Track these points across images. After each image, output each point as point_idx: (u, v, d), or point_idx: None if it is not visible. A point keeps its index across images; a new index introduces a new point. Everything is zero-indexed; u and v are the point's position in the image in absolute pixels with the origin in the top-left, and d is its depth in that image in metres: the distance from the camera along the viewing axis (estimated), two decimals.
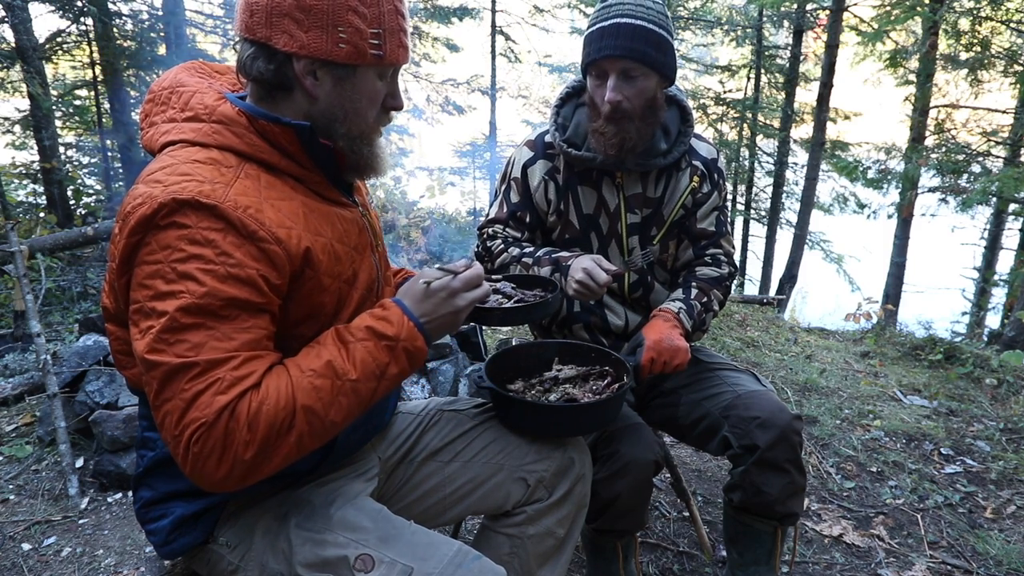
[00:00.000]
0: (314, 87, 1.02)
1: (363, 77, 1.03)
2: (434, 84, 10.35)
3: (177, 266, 0.88)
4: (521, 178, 1.73)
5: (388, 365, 1.01)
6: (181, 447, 0.87)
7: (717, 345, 4.35)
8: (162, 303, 0.88)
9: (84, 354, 2.72)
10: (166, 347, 0.87)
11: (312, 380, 0.94)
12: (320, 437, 0.96)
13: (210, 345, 0.88)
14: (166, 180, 0.92)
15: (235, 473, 0.89)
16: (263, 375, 0.92)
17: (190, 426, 0.86)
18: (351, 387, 0.97)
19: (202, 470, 0.88)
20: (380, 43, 1.01)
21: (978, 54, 7.73)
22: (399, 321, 1.03)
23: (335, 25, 0.97)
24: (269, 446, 0.90)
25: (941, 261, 10.16)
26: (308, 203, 1.04)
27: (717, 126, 11.75)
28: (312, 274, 1.01)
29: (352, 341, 1.00)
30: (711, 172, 1.71)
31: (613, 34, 1.46)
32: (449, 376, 3.07)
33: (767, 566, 1.66)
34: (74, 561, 2.11)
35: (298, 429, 0.92)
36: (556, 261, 1.62)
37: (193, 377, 0.87)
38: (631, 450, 1.49)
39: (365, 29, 0.99)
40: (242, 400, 0.88)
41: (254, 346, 0.92)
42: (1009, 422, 3.12)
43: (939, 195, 8.13)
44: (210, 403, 0.86)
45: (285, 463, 0.94)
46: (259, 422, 0.88)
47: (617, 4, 1.48)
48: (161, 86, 1.09)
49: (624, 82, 1.50)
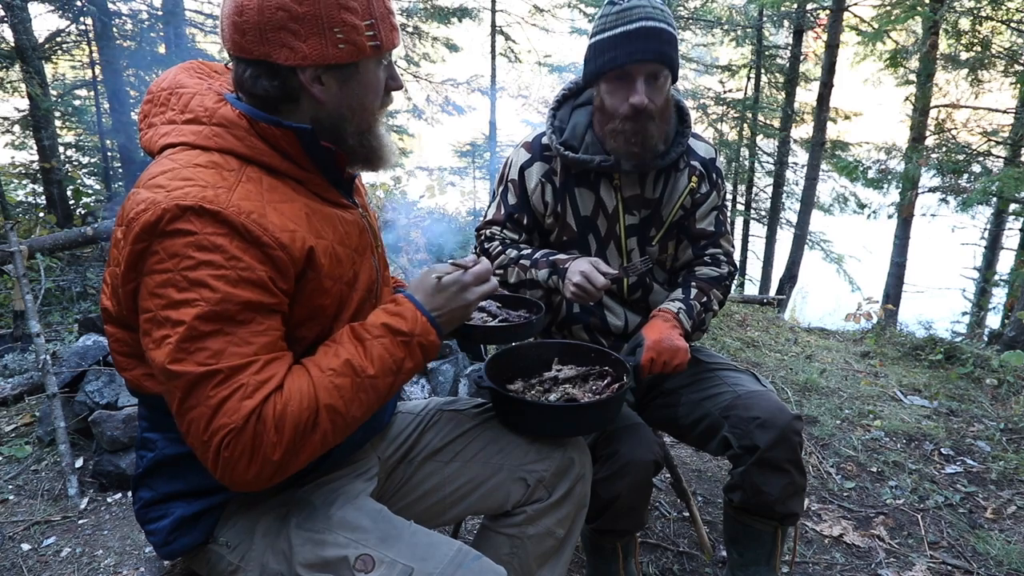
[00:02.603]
0: (321, 93, 1.02)
1: (365, 71, 1.04)
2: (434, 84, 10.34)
3: (188, 274, 0.89)
4: (518, 180, 1.73)
5: (404, 360, 1.04)
6: (211, 452, 0.89)
7: (717, 345, 4.35)
8: (177, 312, 0.88)
9: (84, 354, 2.72)
10: (187, 356, 0.88)
11: (332, 379, 0.96)
12: (343, 433, 0.99)
13: (230, 351, 0.89)
14: (168, 185, 0.92)
15: (265, 473, 0.91)
16: (284, 376, 0.94)
17: (219, 432, 0.88)
18: (370, 383, 0.99)
19: (232, 473, 0.90)
20: (375, 32, 1.01)
21: (978, 54, 7.73)
22: (413, 317, 1.06)
23: (330, 27, 0.96)
24: (296, 445, 0.92)
25: (941, 261, 10.15)
26: (310, 205, 1.04)
27: (717, 126, 11.75)
28: (314, 276, 1.01)
29: (368, 338, 1.02)
30: (709, 172, 1.71)
31: (642, 38, 1.44)
32: (449, 376, 3.07)
33: (767, 566, 1.66)
34: (74, 561, 2.11)
35: (322, 427, 0.94)
36: (553, 263, 1.62)
37: (217, 384, 0.88)
38: (631, 450, 1.49)
39: (359, 23, 0.99)
40: (267, 403, 0.90)
41: (271, 348, 0.94)
42: (1009, 422, 3.12)
43: (939, 195, 8.14)
44: (237, 408, 0.88)
45: (311, 460, 0.96)
46: (285, 423, 0.90)
47: (637, 7, 1.45)
48: (160, 87, 1.08)
49: (649, 85, 1.50)
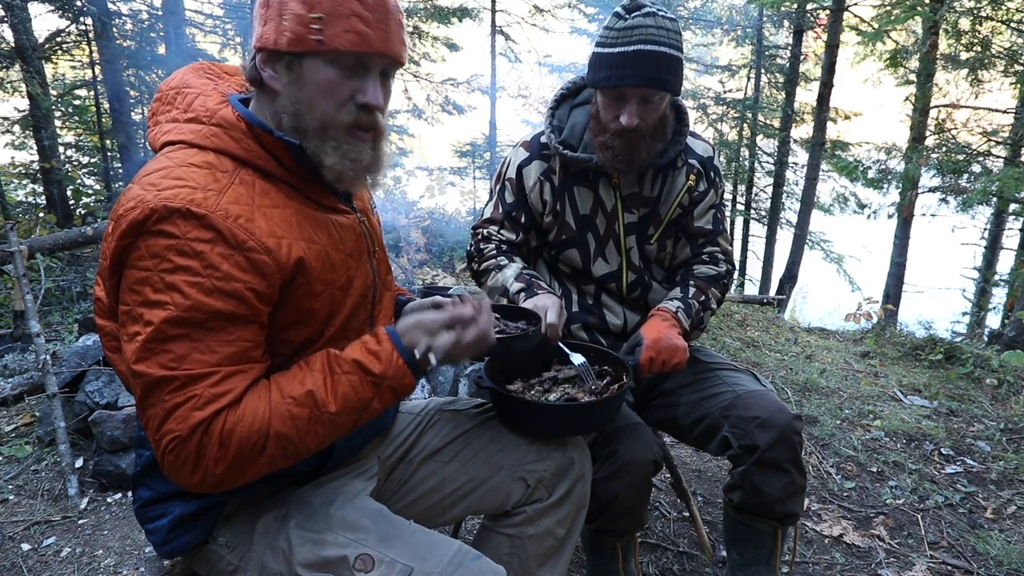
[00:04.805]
0: (272, 80, 1.01)
1: (310, 67, 0.98)
2: (434, 84, 10.33)
3: (165, 276, 0.90)
4: (516, 178, 1.73)
5: (371, 400, 1.01)
6: (159, 452, 0.92)
7: (717, 345, 4.35)
8: (150, 311, 0.90)
9: (84, 354, 2.72)
10: (151, 356, 0.89)
11: (291, 408, 0.95)
12: (293, 458, 0.98)
13: (193, 357, 0.90)
14: (160, 184, 0.92)
15: (208, 482, 0.93)
16: (244, 392, 0.94)
17: (166, 436, 0.90)
18: (329, 419, 0.98)
19: (177, 475, 0.93)
20: (321, 27, 0.95)
21: (978, 54, 7.73)
22: (388, 358, 1.01)
23: (281, 14, 0.96)
24: (240, 463, 0.93)
25: (941, 261, 10.15)
26: (302, 210, 1.04)
27: (717, 126, 11.76)
28: (304, 281, 1.01)
29: (338, 373, 0.99)
30: (707, 170, 1.71)
31: (637, 62, 1.43)
32: (449, 376, 3.07)
33: (767, 566, 1.66)
34: (73, 561, 2.10)
35: (270, 452, 0.94)
36: (530, 284, 1.60)
37: (173, 390, 0.90)
38: (630, 450, 1.49)
39: (304, 13, 0.95)
40: (217, 418, 0.91)
41: (237, 360, 0.94)
42: (1009, 422, 3.12)
43: (939, 195, 8.13)
44: (186, 418, 0.89)
45: (259, 477, 0.97)
46: (231, 441, 0.91)
47: (639, 27, 1.44)
48: (169, 85, 1.10)
49: (641, 107, 1.50)
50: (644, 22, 1.44)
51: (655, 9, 1.46)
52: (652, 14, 1.45)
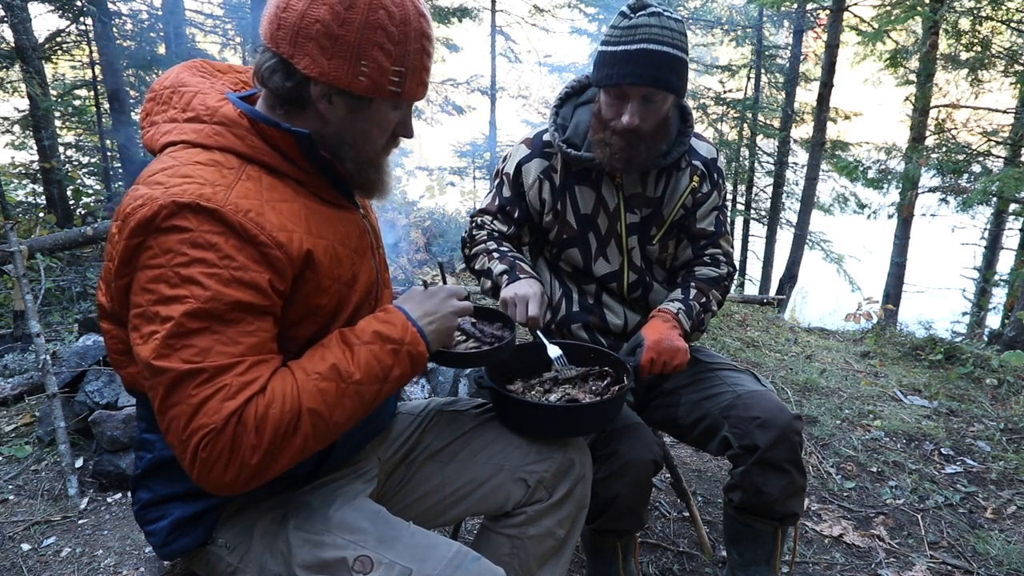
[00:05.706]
0: (328, 111, 1.02)
1: (378, 109, 1.04)
2: (434, 84, 10.33)
3: (180, 270, 0.88)
4: (513, 175, 1.74)
5: (392, 368, 1.03)
6: (189, 452, 0.88)
7: (717, 345, 4.35)
8: (167, 308, 0.88)
9: (84, 354, 2.72)
10: (172, 352, 0.87)
11: (317, 383, 0.95)
12: (325, 439, 0.97)
13: (216, 350, 0.88)
14: (167, 182, 0.91)
15: (242, 477, 0.90)
16: (268, 379, 0.93)
17: (198, 432, 0.87)
18: (355, 390, 0.98)
19: (209, 474, 0.89)
20: (400, 80, 1.01)
21: (978, 54, 7.73)
22: (403, 325, 1.06)
23: (359, 58, 0.97)
24: (275, 449, 0.91)
25: (941, 261, 10.15)
26: (309, 205, 1.04)
27: (717, 126, 11.76)
28: (312, 276, 1.01)
29: (357, 344, 1.01)
30: (711, 172, 1.71)
31: (640, 61, 1.43)
32: (449, 376, 3.07)
33: (767, 566, 1.66)
34: (73, 561, 2.10)
35: (303, 432, 0.93)
36: (513, 267, 1.64)
37: (200, 383, 0.87)
38: (630, 450, 1.49)
39: (388, 66, 0.99)
40: (249, 405, 0.89)
41: (259, 349, 0.93)
42: (1009, 422, 3.12)
43: (939, 195, 8.13)
44: (218, 409, 0.87)
45: (290, 465, 0.95)
46: (266, 426, 0.89)
47: (643, 27, 1.44)
48: (163, 85, 1.08)
49: (643, 106, 1.50)
50: (648, 21, 1.44)
51: (660, 9, 1.46)
52: (657, 14, 1.45)
